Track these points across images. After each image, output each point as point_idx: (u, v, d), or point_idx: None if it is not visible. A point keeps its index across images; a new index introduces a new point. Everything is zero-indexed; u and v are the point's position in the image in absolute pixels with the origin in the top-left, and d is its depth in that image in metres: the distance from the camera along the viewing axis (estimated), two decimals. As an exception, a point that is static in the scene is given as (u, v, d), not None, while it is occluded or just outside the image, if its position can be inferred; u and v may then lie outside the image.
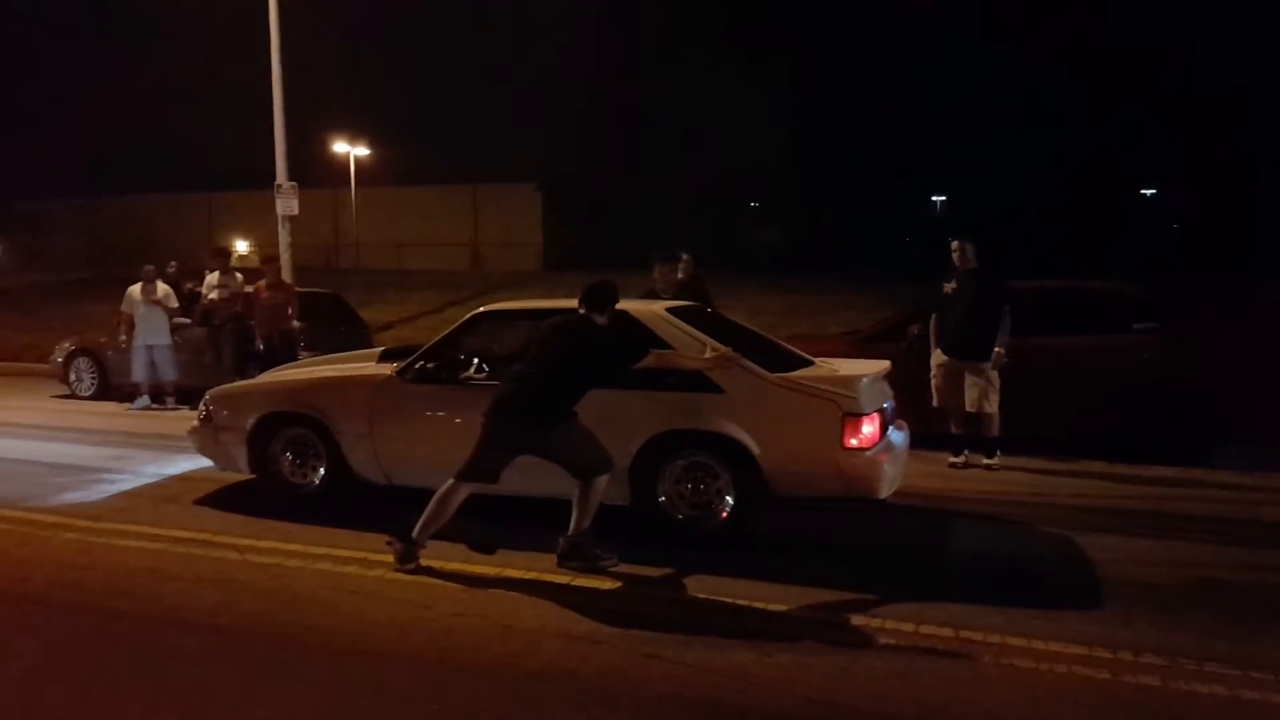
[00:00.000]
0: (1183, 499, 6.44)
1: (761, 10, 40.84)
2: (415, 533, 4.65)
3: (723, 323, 6.02)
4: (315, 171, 25.81)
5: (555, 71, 36.83)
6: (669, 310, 5.49)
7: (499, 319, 5.82)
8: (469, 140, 35.81)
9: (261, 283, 9.82)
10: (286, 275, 11.18)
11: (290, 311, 9.74)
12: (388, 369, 5.78)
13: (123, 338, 10.48)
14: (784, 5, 40.97)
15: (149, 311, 10.30)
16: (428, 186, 34.11)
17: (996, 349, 7.11)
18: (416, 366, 5.63)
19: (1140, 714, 3.25)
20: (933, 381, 7.43)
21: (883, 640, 3.85)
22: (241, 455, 5.99)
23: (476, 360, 5.49)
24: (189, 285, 11.36)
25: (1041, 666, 3.59)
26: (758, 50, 39.55)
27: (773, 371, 5.11)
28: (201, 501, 6.16)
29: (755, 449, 4.92)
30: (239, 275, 10.57)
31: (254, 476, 6.06)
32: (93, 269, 27.12)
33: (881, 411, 5.13)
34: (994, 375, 7.17)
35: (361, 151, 33.11)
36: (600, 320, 4.72)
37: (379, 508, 5.58)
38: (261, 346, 9.63)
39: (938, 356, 7.42)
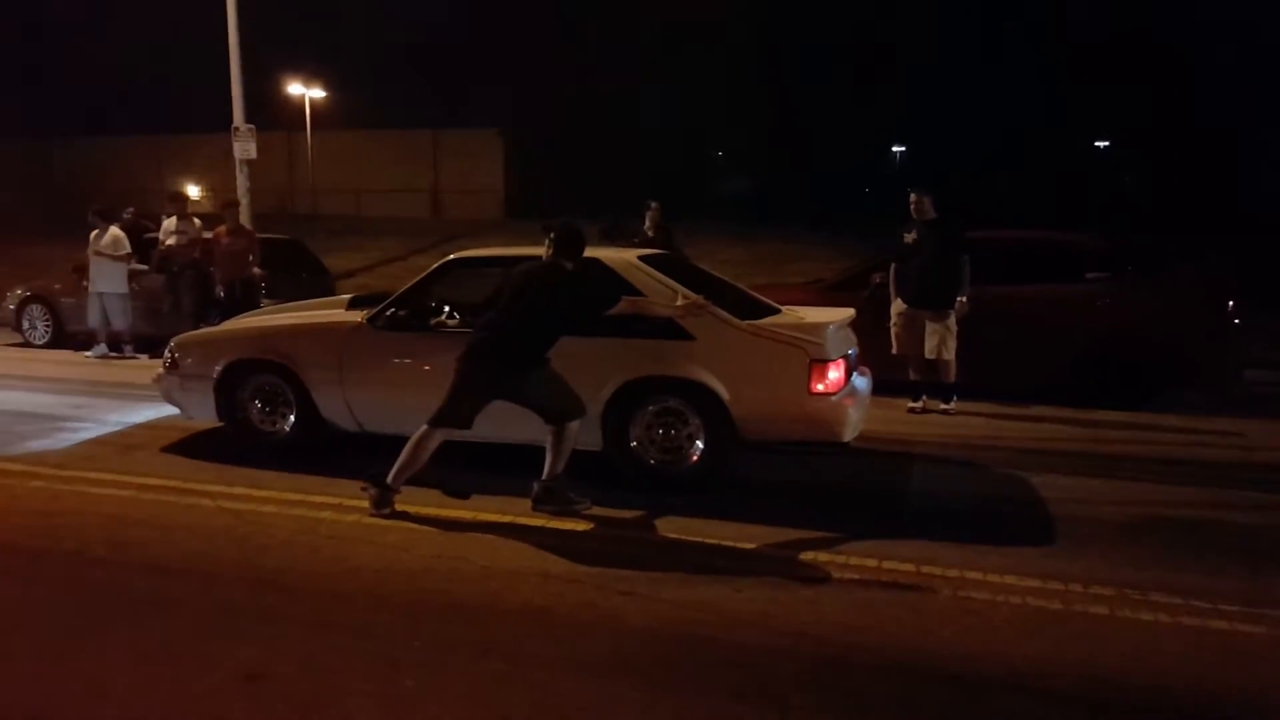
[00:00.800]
0: (1131, 441, 6.70)
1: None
2: (390, 478, 4.70)
3: (692, 271, 6.09)
4: (270, 114, 25.09)
5: (518, 14, 36.04)
6: (640, 258, 5.54)
7: (469, 266, 5.82)
8: (429, 84, 35.06)
9: (222, 228, 9.65)
10: (245, 221, 10.97)
11: (251, 258, 9.60)
12: (358, 316, 5.77)
13: (85, 283, 10.29)
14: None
15: (98, 260, 10.06)
16: (387, 130, 33.36)
17: (959, 298, 7.28)
18: (388, 314, 5.63)
19: (1091, 641, 3.44)
20: (893, 330, 7.60)
21: (848, 576, 4.01)
22: (209, 403, 5.96)
23: (447, 307, 5.51)
24: (147, 232, 11.09)
25: (998, 599, 3.78)
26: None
27: (742, 319, 5.21)
28: (169, 449, 6.14)
29: (725, 394, 5.03)
30: (196, 221, 10.37)
31: (221, 424, 6.05)
32: (44, 214, 26.29)
33: (846, 358, 5.27)
34: (953, 323, 7.35)
35: (317, 94, 32.27)
36: (569, 265, 4.76)
37: (351, 456, 5.61)
38: (222, 294, 9.51)
39: (898, 305, 7.57)
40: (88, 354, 10.20)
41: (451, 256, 5.89)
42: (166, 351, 6.24)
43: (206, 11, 13.69)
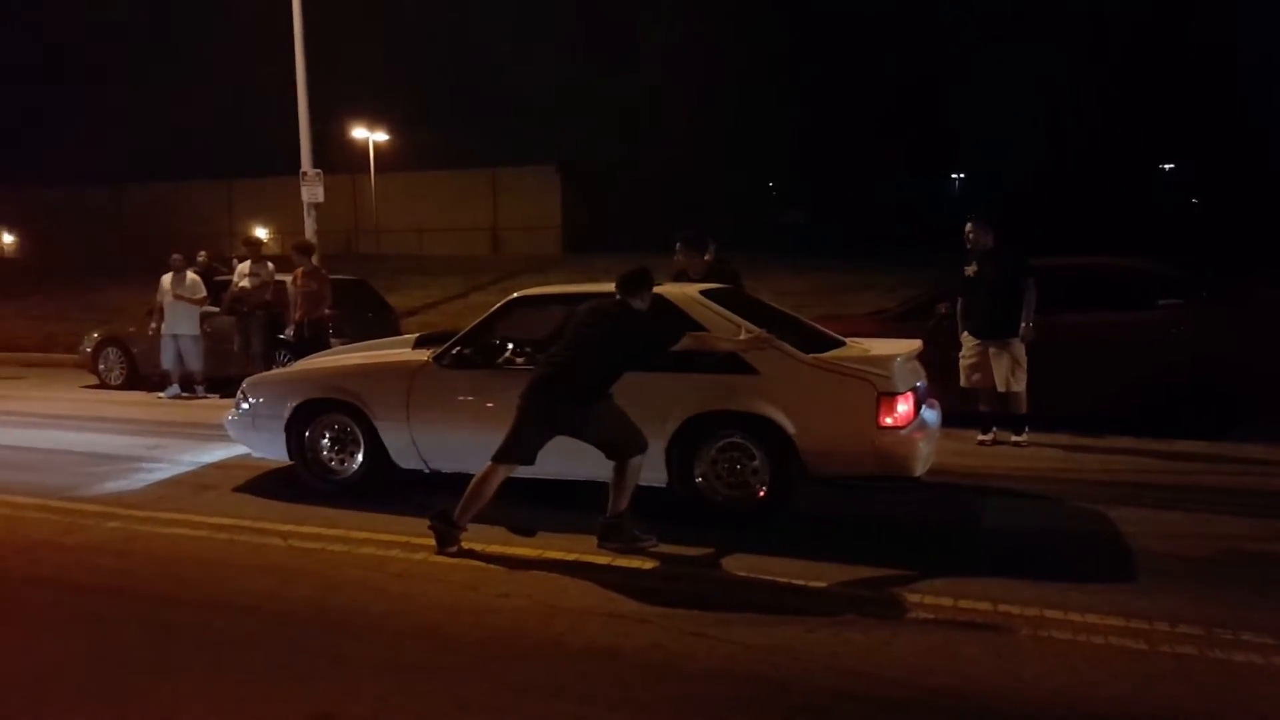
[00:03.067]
0: (1210, 473, 6.46)
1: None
2: (455, 516, 4.73)
3: (755, 304, 6.06)
4: (334, 157, 25.86)
5: (571, 53, 36.73)
6: (703, 293, 5.53)
7: (534, 304, 5.86)
8: (487, 123, 35.82)
9: (299, 270, 9.92)
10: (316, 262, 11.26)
11: (325, 299, 9.85)
12: (424, 355, 5.85)
13: (153, 326, 10.65)
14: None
15: (175, 302, 10.43)
16: (446, 170, 34.13)
17: (1025, 324, 7.14)
18: (454, 352, 5.70)
19: (1178, 683, 3.30)
20: (961, 361, 7.46)
21: (922, 615, 3.91)
22: (279, 442, 6.08)
23: (513, 345, 5.56)
24: (220, 275, 11.47)
25: (1079, 638, 3.65)
26: (778, 28, 39.27)
27: (806, 352, 5.16)
28: (240, 489, 6.27)
29: (791, 429, 4.97)
30: (270, 264, 10.69)
31: (292, 464, 6.17)
32: (115, 258, 27.36)
33: (915, 390, 5.18)
34: (1021, 353, 7.20)
35: (380, 137, 33.16)
36: (637, 305, 4.78)
37: (418, 493, 5.68)
38: (291, 334, 9.75)
39: (966, 338, 7.44)
40: (161, 395, 10.52)
41: (516, 295, 5.94)
42: (239, 392, 6.40)
43: (273, 57, 14.21)
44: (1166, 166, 41.87)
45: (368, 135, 32.72)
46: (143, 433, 8.36)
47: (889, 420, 4.89)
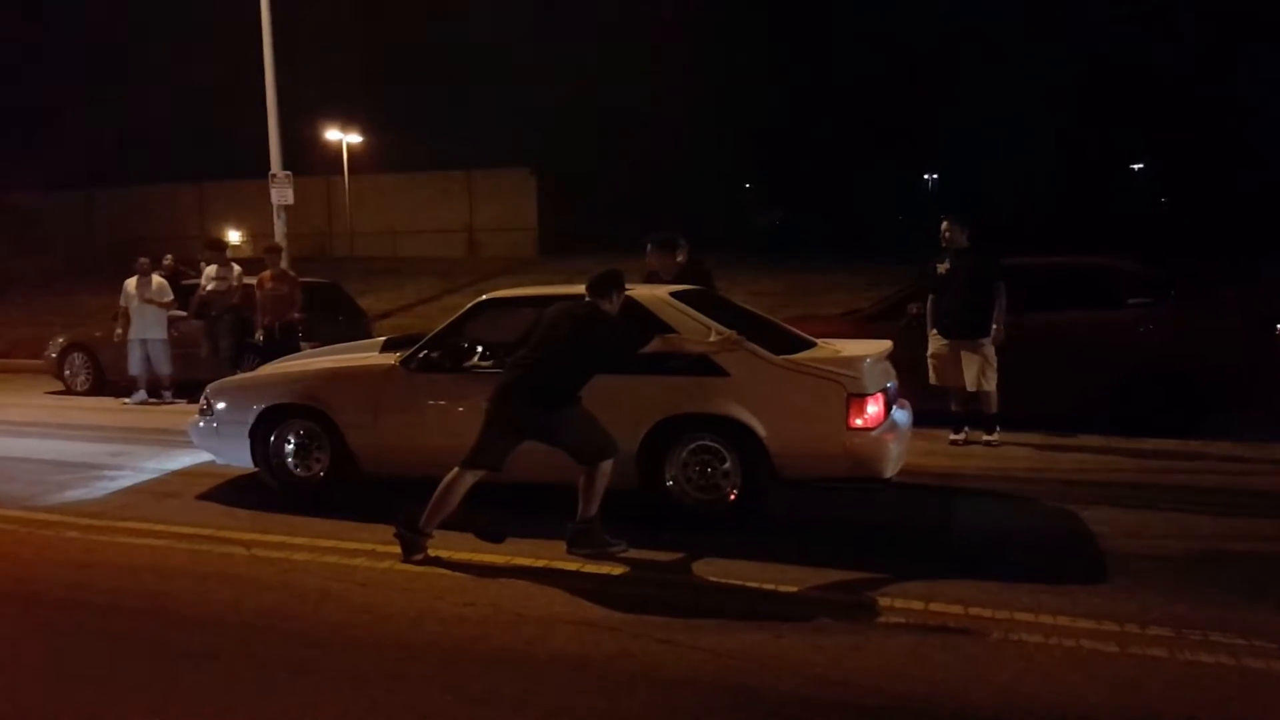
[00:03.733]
0: (1180, 471, 6.50)
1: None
2: (422, 523, 4.65)
3: (726, 306, 6.03)
4: (306, 159, 25.66)
5: (548, 55, 36.63)
6: (673, 294, 5.48)
7: (503, 306, 5.79)
8: (462, 126, 35.64)
9: (266, 273, 9.78)
10: (286, 265, 11.11)
11: (294, 302, 9.71)
12: (391, 359, 5.77)
13: (119, 332, 10.46)
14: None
15: (143, 306, 10.26)
16: (421, 173, 33.83)
17: (995, 326, 7.15)
18: (420, 355, 5.62)
19: (1150, 685, 3.28)
20: (930, 361, 7.47)
21: (893, 619, 3.88)
22: (244, 448, 5.98)
23: (481, 348, 5.49)
24: (187, 279, 11.30)
25: (1051, 641, 3.63)
26: (752, 29, 39.37)
27: (777, 354, 5.12)
28: (204, 496, 6.16)
29: (762, 431, 4.94)
30: (236, 267, 10.53)
31: (256, 470, 6.06)
32: (84, 262, 26.95)
33: (885, 391, 5.16)
34: (991, 353, 7.22)
35: (354, 139, 32.88)
36: (607, 307, 4.73)
37: (384, 499, 5.57)
38: (261, 338, 9.60)
39: (934, 337, 7.45)
40: (126, 400, 10.35)
41: (484, 297, 5.88)
42: (202, 398, 6.28)
43: (243, 59, 14.03)
44: (1136, 166, 42.33)
45: (341, 137, 32.42)
46: (106, 439, 8.21)
47: (859, 421, 4.86)
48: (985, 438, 7.34)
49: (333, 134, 32.29)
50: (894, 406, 5.43)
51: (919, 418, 7.71)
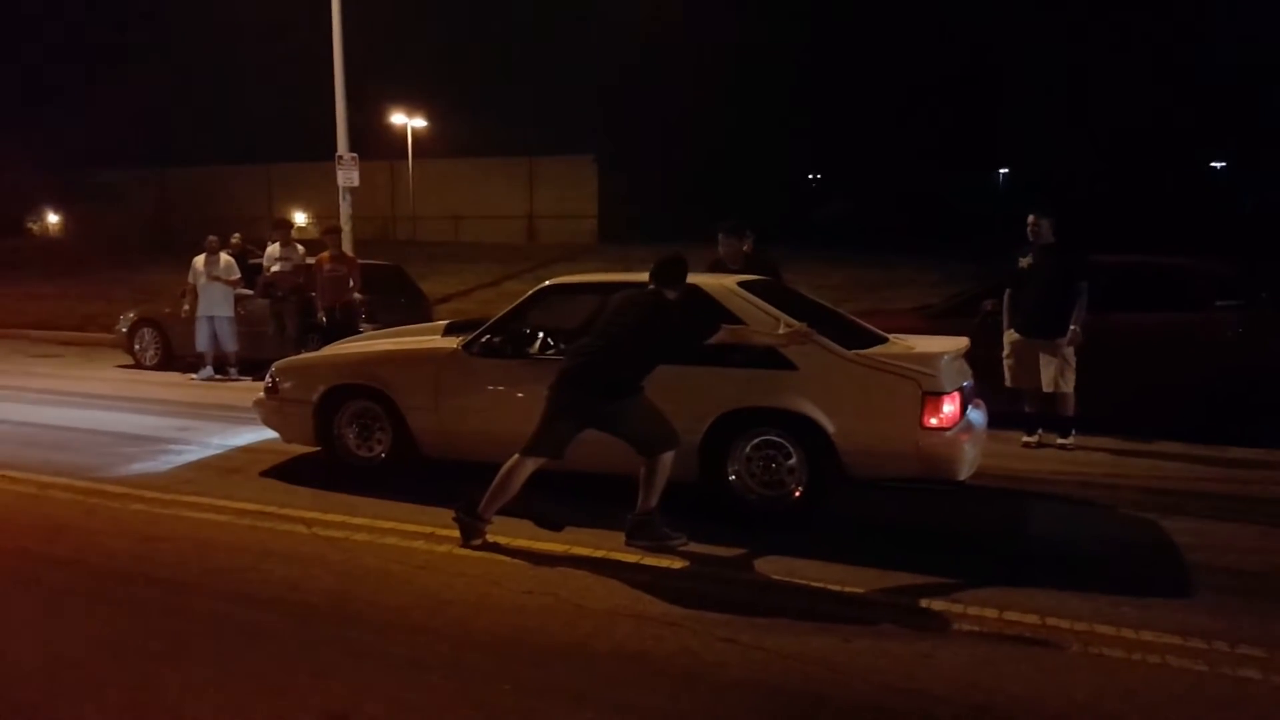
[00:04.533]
0: (1267, 482, 6.18)
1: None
2: (481, 508, 4.61)
3: (795, 297, 5.87)
4: (371, 143, 25.90)
5: (611, 42, 36.47)
6: (740, 284, 5.35)
7: (566, 293, 5.73)
8: (526, 112, 35.68)
9: (324, 254, 9.87)
10: (347, 247, 11.22)
11: (352, 284, 9.79)
12: (453, 342, 5.74)
13: (185, 308, 10.66)
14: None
15: (210, 284, 10.42)
16: (484, 158, 34.06)
17: (1073, 327, 6.87)
18: (483, 340, 5.59)
19: (1244, 708, 3.10)
20: (1005, 360, 7.21)
21: (966, 626, 3.72)
22: (307, 427, 6.01)
23: (543, 334, 5.44)
24: (253, 258, 11.47)
25: (1134, 656, 3.45)
26: (822, 18, 38.70)
27: (848, 348, 4.96)
28: (267, 473, 6.20)
29: (830, 427, 4.80)
30: (300, 247, 10.66)
31: (319, 449, 6.09)
32: (156, 240, 27.70)
33: (961, 390, 4.97)
34: (1070, 353, 6.94)
35: (419, 123, 33.22)
36: (671, 295, 4.61)
37: (444, 482, 5.55)
38: (323, 319, 9.70)
39: (1010, 335, 7.19)
40: (194, 376, 10.54)
41: (547, 283, 5.82)
42: (267, 376, 6.33)
43: (313, 42, 14.17)
44: (1217, 165, 40.70)
45: (406, 121, 32.78)
46: (173, 414, 8.36)
47: (934, 421, 4.68)
48: (1060, 441, 7.07)
49: (398, 118, 32.65)
50: (970, 406, 5.24)
51: (992, 419, 7.56)
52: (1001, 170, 45.01)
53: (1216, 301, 7.53)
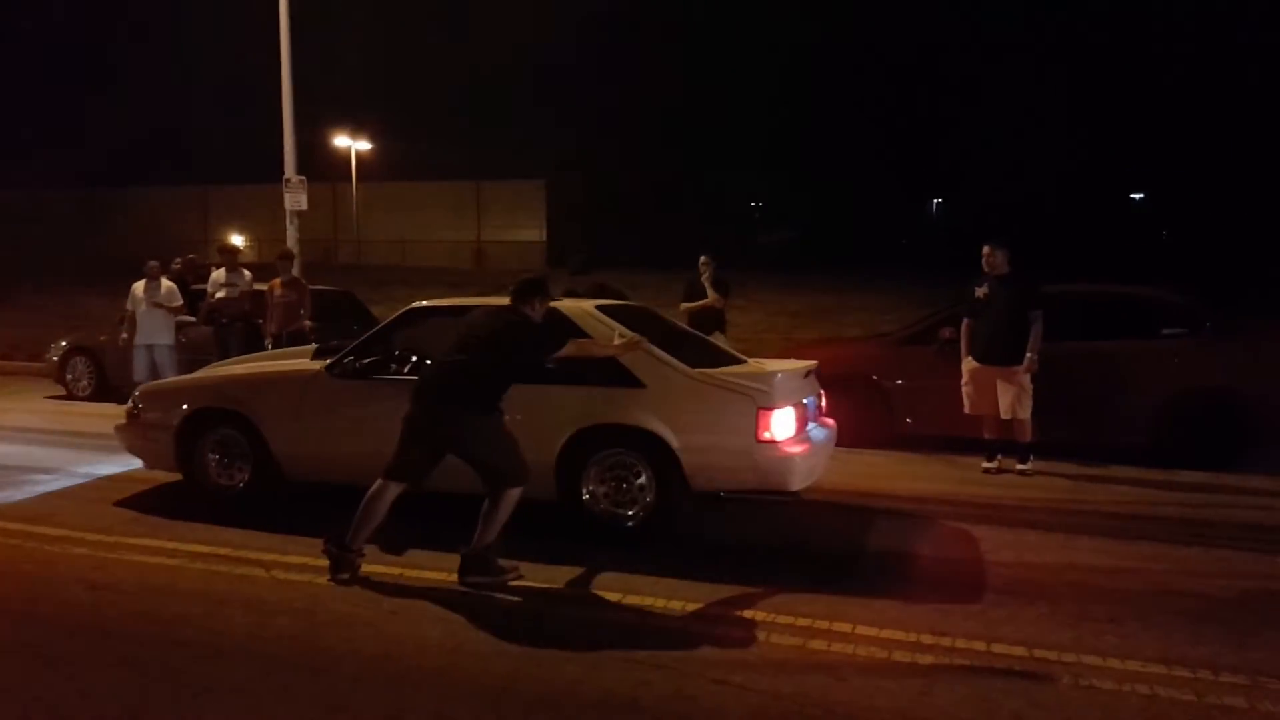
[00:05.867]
0: (1219, 506, 6.32)
1: (768, 11, 40.80)
2: (349, 538, 4.44)
3: (659, 322, 6.15)
4: (315, 165, 25.47)
5: (560, 67, 36.60)
6: (599, 307, 5.52)
7: (432, 314, 5.71)
8: (473, 136, 35.53)
9: (276, 280, 9.58)
10: (297, 272, 10.91)
11: (303, 311, 9.52)
12: (318, 365, 5.68)
13: (124, 335, 10.18)
14: (791, 5, 40.85)
15: (151, 310, 9.97)
16: (430, 182, 33.77)
17: (1030, 354, 6.98)
18: (346, 362, 5.52)
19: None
20: (964, 388, 7.29)
21: (957, 661, 3.67)
22: (168, 453, 5.88)
23: (407, 355, 5.42)
24: (194, 284, 11.06)
25: (1124, 688, 3.43)
26: (762, 50, 39.46)
27: (704, 367, 5.17)
28: (124, 503, 6.00)
29: (675, 443, 4.94)
30: (246, 273, 10.31)
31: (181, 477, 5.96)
32: (85, 264, 26.71)
33: (799, 406, 5.20)
34: (1027, 380, 7.04)
35: (363, 146, 32.80)
36: (530, 314, 4.63)
37: (311, 508, 5.45)
38: (270, 345, 9.39)
39: (969, 363, 7.28)
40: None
41: (413, 305, 5.80)
42: (130, 400, 6.20)
43: (252, 65, 13.89)
44: (1136, 196, 42.26)
45: (350, 144, 32.35)
46: (54, 444, 8.06)
47: (768, 435, 4.88)
48: (1018, 467, 7.16)
49: (342, 141, 32.20)
50: (811, 422, 5.48)
51: (953, 445, 7.67)
52: (936, 200, 46.19)
53: (1163, 330, 7.74)
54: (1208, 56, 35.82)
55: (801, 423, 5.23)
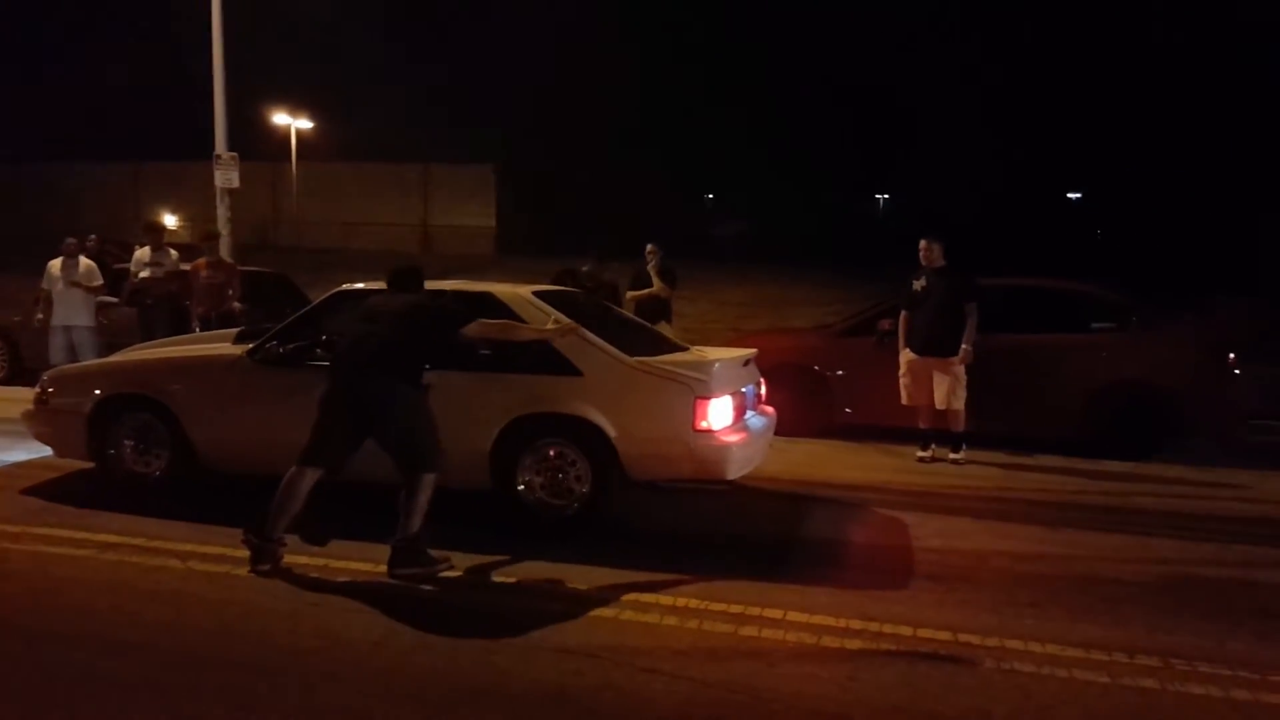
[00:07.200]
0: (1143, 494, 6.53)
1: (721, 10, 40.86)
2: (269, 528, 4.31)
3: (603, 311, 6.15)
4: (254, 143, 24.83)
5: (513, 52, 36.16)
6: (536, 293, 5.47)
7: (358, 299, 5.45)
8: (422, 117, 34.89)
9: (201, 260, 9.29)
10: (226, 253, 10.62)
11: (231, 292, 9.25)
12: (240, 350, 5.52)
13: (39, 316, 9.74)
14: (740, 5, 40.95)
15: (68, 290, 9.54)
16: (376, 163, 33.01)
17: (965, 346, 7.10)
18: (269, 347, 5.38)
19: (1145, 718, 3.18)
20: (901, 379, 7.40)
21: (883, 646, 3.72)
22: (80, 441, 5.66)
23: (335, 341, 5.20)
24: (117, 263, 10.67)
25: (1043, 671, 3.52)
26: (715, 41, 39.53)
27: (645, 356, 5.15)
28: (31, 491, 5.74)
29: (612, 432, 4.92)
30: (173, 252, 9.97)
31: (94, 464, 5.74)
32: (9, 242, 25.65)
33: (738, 395, 5.22)
34: (961, 372, 7.17)
35: (304, 124, 31.98)
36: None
37: (233, 497, 5.25)
38: (198, 329, 9.11)
39: (906, 354, 7.39)
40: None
41: (339, 289, 5.68)
42: (38, 385, 5.93)
43: (190, 36, 13.44)
44: (1073, 195, 43.27)
45: (290, 122, 31.53)
46: None
47: (704, 424, 4.87)
48: (952, 456, 7.29)
49: (281, 118, 31.38)
50: (750, 411, 5.50)
51: (890, 434, 7.78)
52: (881, 196, 46.82)
53: (1093, 324, 7.94)
54: (1146, 58, 36.77)
55: (739, 412, 5.23)
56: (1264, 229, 25.16)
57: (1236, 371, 7.59)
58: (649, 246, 9.17)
